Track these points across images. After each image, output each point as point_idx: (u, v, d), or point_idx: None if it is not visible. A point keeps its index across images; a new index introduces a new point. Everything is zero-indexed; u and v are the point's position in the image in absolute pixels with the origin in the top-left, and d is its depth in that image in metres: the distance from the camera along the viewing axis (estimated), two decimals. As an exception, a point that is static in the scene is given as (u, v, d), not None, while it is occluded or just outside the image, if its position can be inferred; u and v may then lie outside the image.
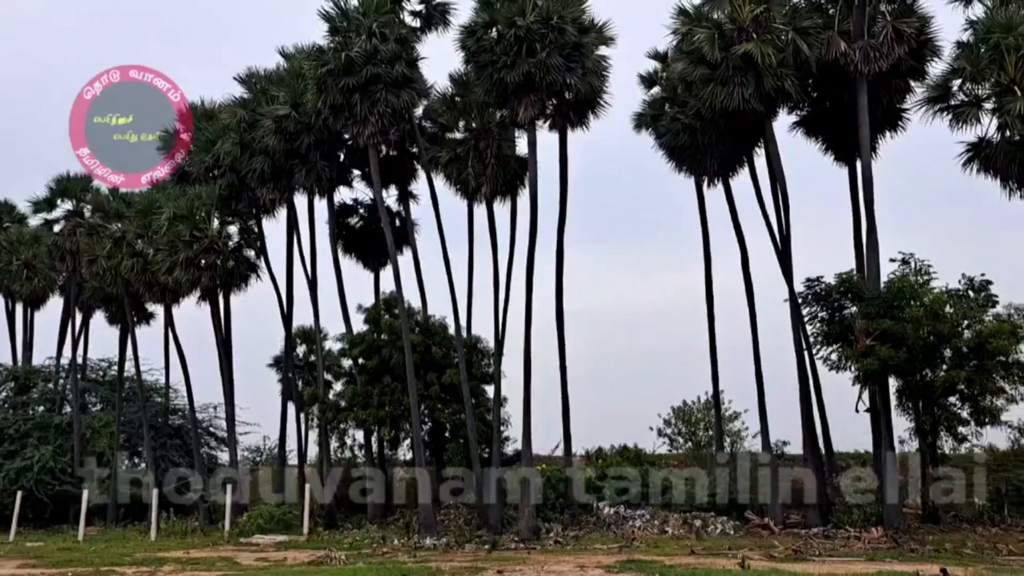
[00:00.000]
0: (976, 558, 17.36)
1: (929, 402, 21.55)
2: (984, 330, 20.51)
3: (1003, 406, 21.08)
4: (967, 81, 22.29)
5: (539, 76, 22.82)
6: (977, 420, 21.27)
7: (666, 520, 23.02)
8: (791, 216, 23.98)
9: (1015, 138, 21.30)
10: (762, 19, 22.83)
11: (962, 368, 20.62)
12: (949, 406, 21.45)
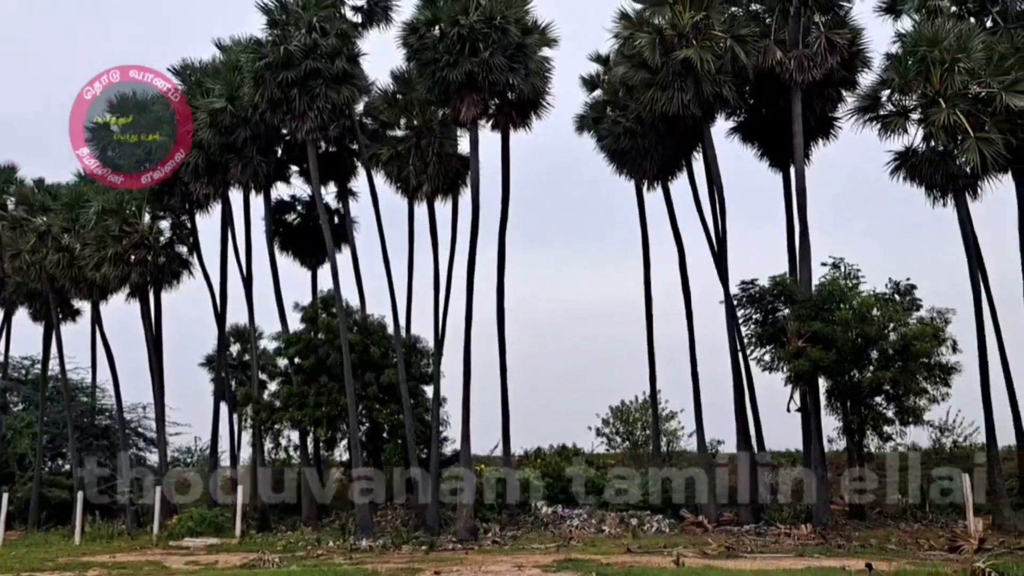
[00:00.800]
0: (899, 553, 17.93)
1: (856, 402, 22.21)
2: (909, 332, 21.21)
3: (925, 406, 21.84)
4: (895, 92, 23.03)
5: (482, 75, 22.79)
6: (901, 419, 21.99)
7: (603, 519, 23.21)
8: (727, 219, 24.47)
9: (939, 148, 22.10)
10: (702, 26, 23.23)
11: (888, 369, 21.29)
12: (875, 406, 22.14)
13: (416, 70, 24.41)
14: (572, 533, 22.24)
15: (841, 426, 22.86)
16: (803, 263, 23.39)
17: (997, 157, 21.35)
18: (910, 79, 22.30)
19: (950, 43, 21.69)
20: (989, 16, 24.79)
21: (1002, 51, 22.16)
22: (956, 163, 21.89)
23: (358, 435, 23.92)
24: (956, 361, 21.59)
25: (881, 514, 22.64)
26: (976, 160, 21.24)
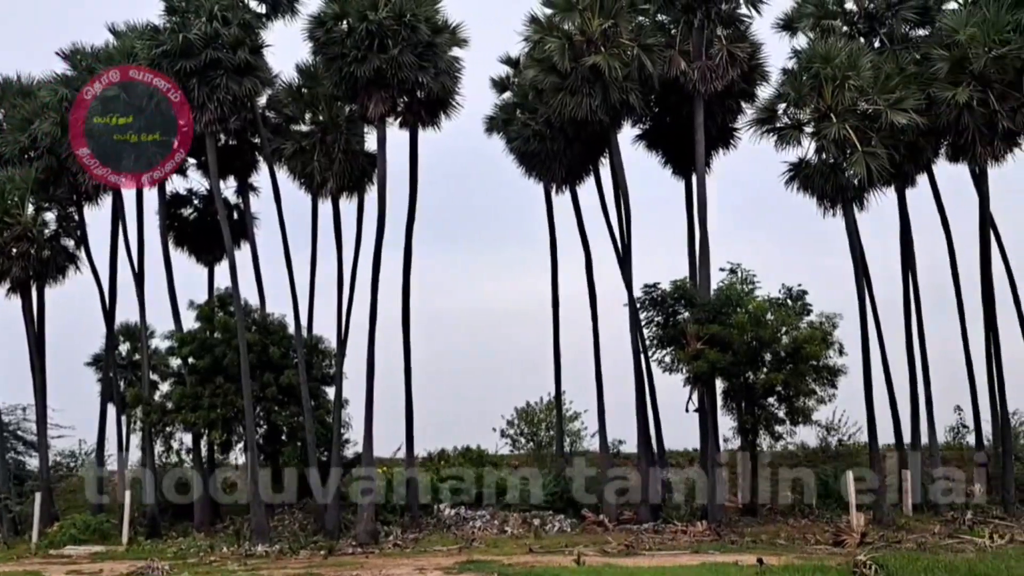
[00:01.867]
0: (788, 548, 18.67)
1: (751, 402, 23.03)
2: (800, 336, 22.10)
3: (814, 406, 22.85)
4: (791, 106, 23.97)
5: (390, 72, 22.52)
6: (792, 419, 22.92)
7: (506, 520, 23.24)
8: (632, 224, 24.95)
9: (830, 161, 23.11)
10: (610, 33, 23.62)
11: (780, 371, 22.14)
12: (768, 406, 23.01)
13: (323, 64, 23.91)
14: (475, 534, 22.18)
15: (736, 426, 23.65)
16: (703, 268, 24.09)
17: (882, 171, 22.51)
18: (804, 94, 23.25)
19: (841, 61, 22.74)
20: (877, 37, 26.18)
21: (888, 71, 23.42)
22: (845, 175, 22.94)
23: (255, 437, 23.20)
24: (842, 364, 22.70)
25: (772, 511, 23.48)
26: (863, 173, 22.34)
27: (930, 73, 23.38)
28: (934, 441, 24.41)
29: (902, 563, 15.04)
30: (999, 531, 19.33)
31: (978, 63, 22.63)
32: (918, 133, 23.04)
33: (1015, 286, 26.38)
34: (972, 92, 22.64)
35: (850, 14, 26.32)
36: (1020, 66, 22.54)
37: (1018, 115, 22.81)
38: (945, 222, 26.13)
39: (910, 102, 22.53)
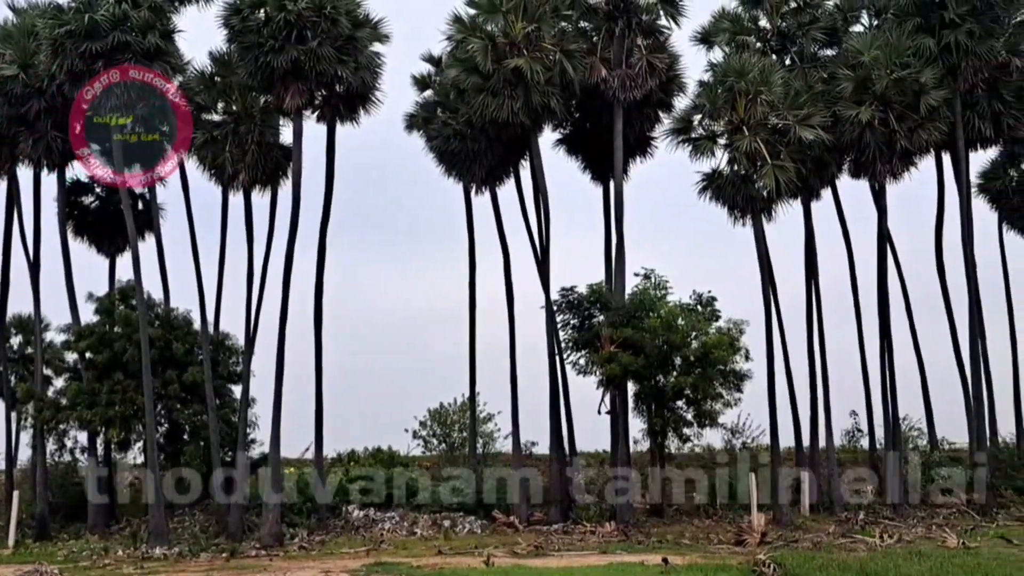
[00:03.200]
0: (693, 547, 19.09)
1: (660, 405, 23.49)
2: (708, 341, 22.65)
3: (720, 410, 23.48)
4: (706, 117, 24.64)
5: (309, 64, 22.05)
6: (699, 422, 23.50)
7: (416, 521, 23.02)
8: (551, 227, 25.13)
9: (741, 172, 23.83)
10: (533, 37, 23.73)
11: (689, 375, 22.65)
12: (677, 409, 23.53)
13: (238, 53, 23.19)
14: (384, 536, 21.88)
15: (646, 428, 24.08)
16: (619, 273, 24.45)
17: (789, 184, 23.35)
18: (719, 106, 23.91)
19: (754, 76, 23.47)
20: (788, 55, 27.16)
21: (797, 88, 24.33)
22: (755, 187, 23.68)
23: (155, 436, 22.33)
24: (748, 368, 23.38)
25: (678, 511, 24.02)
26: (772, 185, 23.12)
27: (836, 92, 24.41)
28: (831, 444, 25.41)
29: (799, 562, 15.59)
30: (889, 531, 20.22)
31: (880, 84, 23.75)
32: (824, 149, 24.01)
33: (908, 297, 27.82)
34: (874, 112, 23.73)
35: (764, 31, 27.23)
36: (918, 89, 23.77)
37: (915, 135, 24.04)
38: (846, 235, 27.32)
39: (817, 119, 23.46)
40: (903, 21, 25.16)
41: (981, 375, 25.46)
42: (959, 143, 25.59)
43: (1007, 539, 18.68)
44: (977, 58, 24.65)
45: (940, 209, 27.56)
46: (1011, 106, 26.02)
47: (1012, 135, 26.21)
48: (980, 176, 27.48)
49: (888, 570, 14.50)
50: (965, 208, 25.77)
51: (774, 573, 14.87)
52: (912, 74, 23.75)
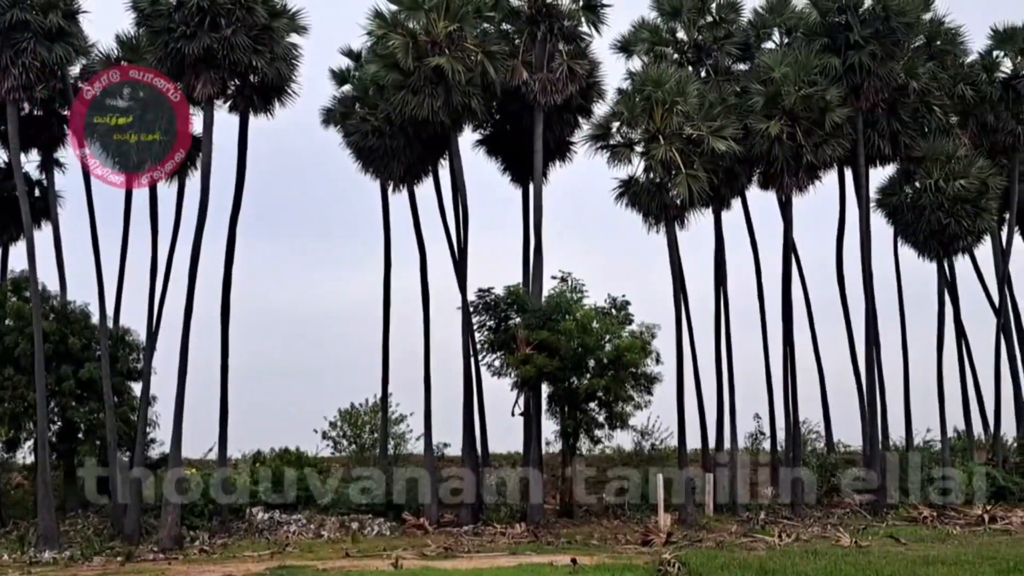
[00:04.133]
0: (601, 548, 19.36)
1: (573, 407, 23.70)
2: (621, 344, 22.98)
3: (631, 412, 23.86)
4: (624, 125, 25.08)
5: (222, 53, 21.44)
6: (610, 424, 23.82)
7: (323, 524, 22.56)
8: (470, 228, 25.06)
9: (656, 180, 24.35)
10: (455, 36, 23.64)
11: (602, 377, 22.93)
12: (590, 411, 23.79)
13: (147, 37, 22.34)
14: (289, 539, 21.37)
15: (559, 429, 24.26)
16: (536, 275, 24.59)
17: (702, 193, 24.01)
18: (637, 115, 24.38)
19: (671, 87, 24.05)
20: (704, 67, 27.90)
21: (712, 100, 25.04)
22: (669, 195, 24.23)
23: (47, 435, 21.23)
24: (659, 372, 23.83)
25: (588, 512, 24.29)
26: (685, 194, 23.72)
27: (748, 105, 25.23)
28: (735, 446, 26.19)
29: (702, 561, 16.01)
30: (787, 530, 20.98)
31: (789, 100, 24.65)
32: (735, 160, 24.77)
33: (810, 305, 28.92)
34: (783, 126, 24.62)
35: (681, 43, 27.90)
36: (824, 106, 24.77)
37: (820, 150, 25.06)
38: (754, 244, 28.21)
39: (730, 131, 24.18)
40: (811, 40, 26.21)
41: (875, 381, 26.68)
42: (860, 159, 26.80)
43: (896, 538, 19.62)
44: (878, 79, 25.86)
45: (841, 222, 28.80)
46: (908, 126, 27.42)
47: (908, 154, 27.60)
48: (878, 192, 28.78)
49: (786, 568, 15.01)
50: (864, 222, 26.99)
51: (678, 572, 15.20)
52: (819, 92, 24.74)
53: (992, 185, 26.95)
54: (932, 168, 26.74)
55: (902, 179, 28.23)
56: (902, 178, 28.25)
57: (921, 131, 27.56)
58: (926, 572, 14.44)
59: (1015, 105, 28.85)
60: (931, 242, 27.46)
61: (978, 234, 28.16)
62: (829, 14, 26.27)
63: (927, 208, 26.79)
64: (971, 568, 14.65)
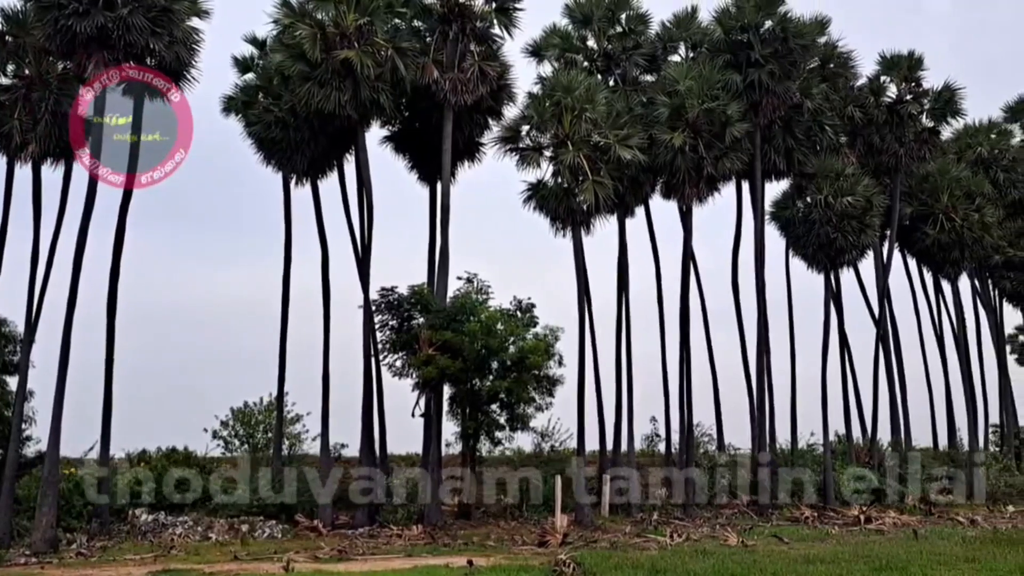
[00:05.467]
0: (497, 549, 19.36)
1: (475, 409, 23.67)
2: (525, 347, 23.09)
3: (533, 414, 24.00)
4: (533, 129, 25.27)
5: (117, 33, 20.42)
6: (511, 426, 23.88)
7: (211, 526, 21.74)
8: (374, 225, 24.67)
9: (564, 185, 24.60)
10: (365, 30, 23.27)
11: (505, 379, 22.95)
12: (491, 413, 23.78)
13: (35, 13, 21.08)
14: (175, 541, 20.48)
15: (459, 431, 24.18)
16: (441, 275, 24.44)
17: (607, 199, 24.43)
18: (546, 119, 24.61)
19: (581, 93, 24.39)
20: (612, 76, 28.49)
21: (619, 108, 25.54)
22: (576, 200, 24.52)
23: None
24: (561, 374, 24.07)
25: (486, 513, 24.32)
26: (592, 199, 24.08)
27: (653, 116, 25.89)
28: (632, 448, 26.77)
29: (596, 561, 16.22)
30: (678, 530, 21.53)
31: (692, 113, 25.43)
32: (640, 169, 25.34)
33: (706, 312, 29.91)
34: (686, 138, 25.38)
35: (591, 51, 28.41)
36: (725, 120, 25.65)
37: (720, 163, 25.95)
38: (655, 251, 28.95)
39: (635, 140, 24.72)
40: (715, 56, 27.14)
41: (764, 387, 27.77)
42: (757, 173, 27.91)
43: (779, 537, 20.43)
44: (776, 97, 27.00)
45: (738, 233, 29.92)
46: (802, 143, 28.75)
47: (801, 170, 28.93)
48: (773, 205, 30.06)
49: (676, 567, 15.37)
50: (758, 234, 28.09)
51: (573, 572, 15.35)
52: (720, 106, 25.60)
53: (876, 203, 28.55)
54: (822, 184, 28.12)
55: (795, 194, 29.55)
56: (795, 193, 29.57)
57: (813, 149, 28.95)
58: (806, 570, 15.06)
59: (898, 128, 30.71)
60: (819, 255, 28.86)
61: (862, 249, 29.83)
62: (732, 32, 27.26)
63: (817, 222, 28.14)
64: (847, 566, 15.36)
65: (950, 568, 14.87)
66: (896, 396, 31.54)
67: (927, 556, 16.24)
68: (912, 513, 26.04)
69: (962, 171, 32.44)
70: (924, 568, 14.86)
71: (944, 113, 31.47)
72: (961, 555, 16.41)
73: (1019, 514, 26.82)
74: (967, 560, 15.77)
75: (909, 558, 15.94)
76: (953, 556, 16.25)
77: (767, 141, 28.32)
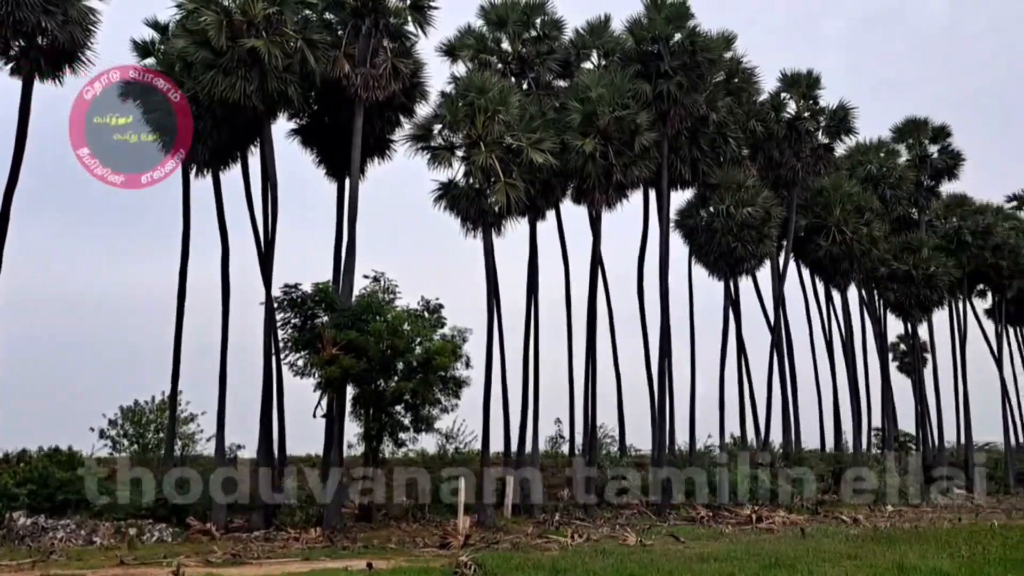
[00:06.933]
0: (398, 551, 19.11)
1: (379, 410, 23.32)
2: (432, 348, 22.89)
3: (438, 415, 23.86)
4: (446, 128, 25.16)
5: (5, 10, 19.42)
6: (416, 427, 23.67)
7: (96, 529, 20.64)
8: (279, 220, 24.05)
9: (476, 186, 24.60)
10: (274, 20, 22.69)
11: (411, 380, 22.71)
12: (395, 414, 23.51)
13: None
14: (56, 546, 19.34)
15: (362, 432, 23.79)
16: (347, 273, 23.99)
17: (519, 202, 24.56)
18: (459, 119, 24.53)
19: (494, 95, 24.43)
20: (526, 80, 28.68)
21: (532, 112, 25.72)
22: (487, 201, 24.55)
23: None
24: (467, 376, 24.01)
25: (387, 515, 24.00)
26: (503, 201, 24.14)
27: (566, 121, 26.18)
28: (536, 450, 26.98)
29: (498, 562, 16.21)
30: (579, 531, 21.79)
31: (603, 120, 25.84)
32: (551, 173, 25.58)
33: (612, 316, 30.48)
34: (597, 144, 25.77)
35: (505, 54, 28.52)
36: (634, 129, 26.19)
37: (629, 171, 26.46)
38: (565, 255, 29.30)
39: (548, 144, 24.94)
40: (626, 65, 27.69)
41: (666, 389, 28.49)
42: (664, 182, 28.62)
43: (676, 537, 20.95)
44: (683, 108, 27.77)
45: (644, 240, 30.61)
46: (706, 155, 29.69)
47: (705, 180, 29.86)
48: (678, 214, 30.92)
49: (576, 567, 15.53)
50: (663, 241, 28.81)
51: (474, 574, 15.31)
52: (631, 115, 26.13)
53: (774, 214, 29.74)
54: (725, 195, 29.11)
55: (699, 203, 30.49)
56: (699, 202, 30.52)
57: (717, 160, 29.94)
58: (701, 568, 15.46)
59: (796, 143, 32.10)
60: (720, 263, 29.85)
61: (760, 258, 31.01)
62: (644, 43, 27.89)
63: (719, 231, 29.10)
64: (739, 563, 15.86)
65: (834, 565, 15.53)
66: (788, 400, 32.89)
67: (813, 554, 16.94)
68: (800, 512, 27.17)
69: (853, 187, 34.17)
70: (810, 565, 15.48)
71: (838, 131, 33.09)
72: (844, 552, 17.19)
73: (897, 513, 28.41)
74: (850, 557, 16.53)
75: (796, 556, 16.59)
76: (837, 553, 17.01)
77: (674, 151, 29.08)
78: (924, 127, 38.89)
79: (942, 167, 38.75)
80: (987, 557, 16.42)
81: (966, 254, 38.79)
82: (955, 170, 38.81)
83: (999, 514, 27.65)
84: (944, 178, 39.14)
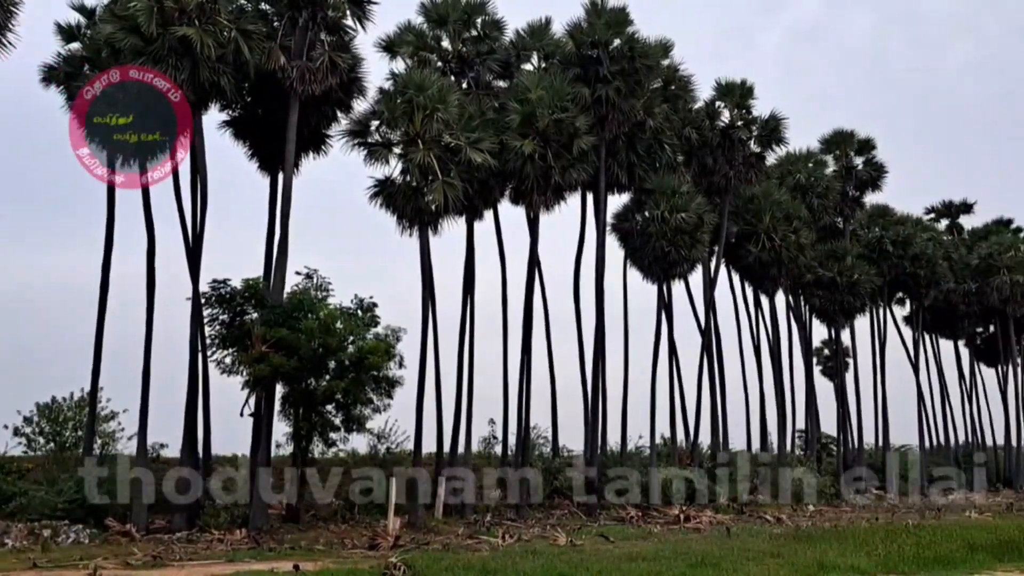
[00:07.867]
0: (326, 553, 18.81)
1: (309, 409, 22.93)
2: (365, 347, 22.61)
3: (369, 415, 23.59)
4: (384, 124, 24.90)
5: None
6: (347, 427, 23.36)
7: (7, 531, 19.71)
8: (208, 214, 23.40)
9: (413, 184, 24.40)
10: (207, 8, 22.12)
11: (342, 379, 22.39)
12: (326, 413, 23.14)
13: None
14: (-39, 551, 18.47)
15: (291, 431, 23.34)
16: (279, 270, 23.52)
17: (456, 201, 24.46)
18: (397, 116, 24.31)
19: (433, 93, 24.26)
20: (466, 79, 28.60)
21: (471, 112, 25.67)
22: (425, 200, 24.38)
23: None
24: (401, 375, 23.80)
25: (315, 516, 23.59)
26: (441, 200, 24.01)
27: (505, 122, 26.21)
28: (469, 450, 26.89)
29: (428, 563, 16.11)
30: (510, 531, 21.82)
31: (542, 122, 25.94)
32: (490, 173, 25.56)
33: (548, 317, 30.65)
34: (536, 146, 25.85)
35: (445, 52, 28.40)
36: (573, 132, 26.37)
37: (567, 173, 26.62)
38: (502, 256, 29.33)
39: (487, 144, 24.91)
40: (566, 68, 27.88)
41: (599, 391, 28.77)
42: (601, 186, 28.92)
43: (606, 537, 21.17)
44: (621, 113, 28.09)
45: (581, 243, 30.87)
46: (643, 160, 30.12)
47: (641, 185, 30.27)
48: (614, 217, 31.26)
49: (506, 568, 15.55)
50: (600, 244, 29.12)
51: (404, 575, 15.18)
52: (569, 118, 26.30)
53: (707, 220, 30.32)
54: (660, 200, 29.53)
55: (634, 208, 30.89)
56: (634, 207, 30.91)
57: (653, 166, 30.39)
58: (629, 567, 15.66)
59: (729, 151, 32.81)
60: (655, 267, 30.29)
61: (693, 263, 31.61)
62: (583, 47, 28.10)
63: (653, 236, 29.52)
64: (667, 563, 16.12)
65: (758, 563, 15.93)
66: (717, 402, 33.58)
67: (738, 552, 17.35)
68: (726, 512, 27.78)
69: (783, 195, 35.09)
70: (735, 564, 15.84)
71: (770, 140, 33.93)
72: (768, 551, 17.65)
73: (818, 512, 29.31)
74: (773, 555, 16.98)
75: (722, 554, 16.96)
76: (761, 552, 17.45)
77: (612, 155, 29.40)
78: (850, 139, 40.19)
79: (866, 178, 40.10)
80: (902, 555, 17.09)
81: (887, 263, 40.26)
82: (879, 182, 40.23)
83: (913, 514, 28.77)
84: (868, 189, 40.50)
